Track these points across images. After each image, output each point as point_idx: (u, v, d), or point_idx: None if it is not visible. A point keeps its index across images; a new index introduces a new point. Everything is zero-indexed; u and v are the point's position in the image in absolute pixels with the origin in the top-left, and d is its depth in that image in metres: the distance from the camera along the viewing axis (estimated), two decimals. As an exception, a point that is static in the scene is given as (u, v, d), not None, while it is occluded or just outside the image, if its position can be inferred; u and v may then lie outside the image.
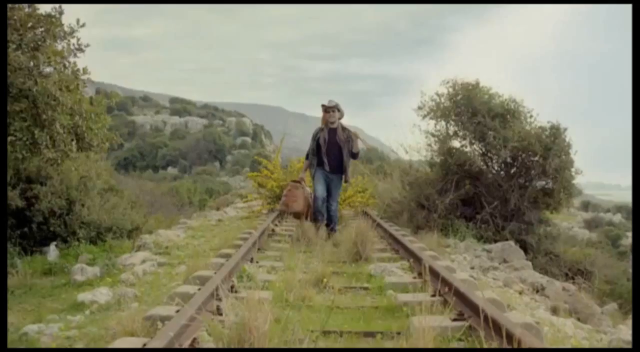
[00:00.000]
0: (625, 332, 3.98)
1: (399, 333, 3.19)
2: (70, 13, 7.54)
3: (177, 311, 3.17)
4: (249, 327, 2.21)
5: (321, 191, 7.37)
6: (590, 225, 44.02)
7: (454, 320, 3.27)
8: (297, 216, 7.97)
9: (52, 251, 7.97)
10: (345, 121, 7.73)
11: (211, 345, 2.63)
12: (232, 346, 2.20)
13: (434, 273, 4.00)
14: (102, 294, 4.64)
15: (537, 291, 6.06)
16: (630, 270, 12.85)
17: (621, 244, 35.72)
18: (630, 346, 3.86)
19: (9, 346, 3.32)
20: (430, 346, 2.34)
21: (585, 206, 58.67)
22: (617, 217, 47.60)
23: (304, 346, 2.73)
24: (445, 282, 3.74)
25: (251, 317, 2.24)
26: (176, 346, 2.59)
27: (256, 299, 2.40)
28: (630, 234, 36.25)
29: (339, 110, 7.44)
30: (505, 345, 2.29)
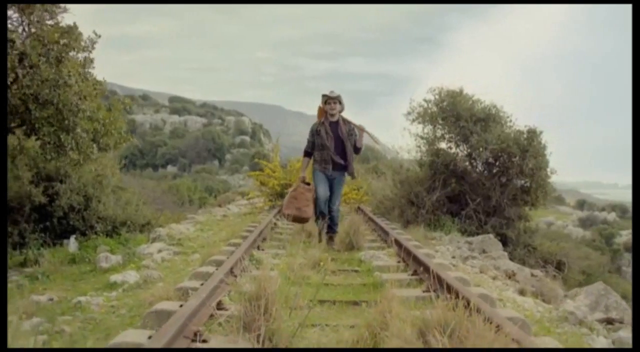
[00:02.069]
0: (569, 305, 4.77)
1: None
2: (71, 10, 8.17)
3: (202, 284, 3.94)
4: (263, 287, 2.99)
5: (323, 192, 6.88)
6: (584, 223, 44.83)
7: (424, 291, 4.07)
8: (301, 220, 7.11)
9: (72, 243, 8.72)
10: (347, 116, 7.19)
11: (234, 305, 3.40)
12: (251, 301, 2.97)
13: (398, 244, 4.84)
14: (130, 276, 5.42)
15: (510, 277, 6.84)
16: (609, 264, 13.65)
17: (615, 242, 36.53)
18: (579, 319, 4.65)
19: (64, 313, 4.08)
20: (399, 306, 3.08)
21: (581, 204, 59.56)
22: (612, 216, 48.36)
23: (304, 310, 3.50)
24: (407, 251, 4.55)
25: (265, 280, 3.02)
26: (205, 306, 3.37)
27: (268, 269, 3.18)
28: (624, 232, 37.01)
29: (340, 102, 6.92)
30: (446, 295, 3.06)
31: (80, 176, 9.72)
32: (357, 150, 7.01)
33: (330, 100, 6.85)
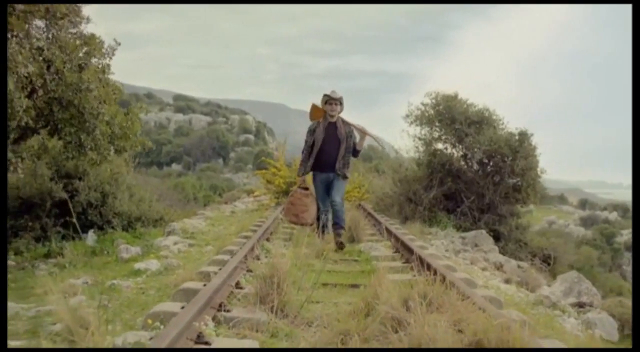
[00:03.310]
0: (545, 290, 5.35)
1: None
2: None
3: (220, 269, 4.53)
4: (276, 268, 3.57)
5: (322, 199, 6.85)
6: (586, 223, 45.30)
7: (413, 276, 4.65)
8: (301, 225, 7.03)
9: (91, 237, 9.32)
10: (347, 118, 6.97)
11: (249, 285, 3.99)
12: (265, 279, 3.55)
13: (388, 232, 5.41)
14: (152, 264, 6.02)
15: (498, 269, 7.42)
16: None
17: (615, 241, 36.97)
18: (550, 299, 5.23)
19: (101, 293, 4.67)
20: (388, 283, 3.65)
21: (583, 204, 60.01)
22: (613, 215, 48.80)
23: (310, 291, 4.07)
24: (396, 237, 5.13)
25: (277, 262, 3.60)
26: (225, 285, 3.95)
27: (279, 252, 3.77)
28: (625, 231, 37.47)
29: (341, 103, 6.72)
30: (425, 273, 3.64)
31: (98, 174, 10.32)
32: (356, 153, 6.79)
33: (332, 101, 6.63)
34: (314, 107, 6.85)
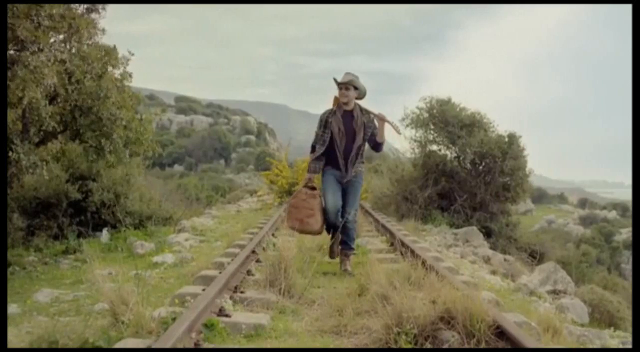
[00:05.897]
0: (524, 279, 5.93)
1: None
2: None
3: (232, 260, 5.11)
4: (283, 256, 4.16)
5: (332, 202, 5.49)
6: (585, 221, 45.88)
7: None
8: (309, 233, 5.80)
9: (104, 235, 9.90)
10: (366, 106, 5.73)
11: (258, 273, 4.58)
12: (275, 265, 4.14)
13: (384, 227, 5.96)
14: (168, 257, 6.62)
15: (486, 262, 8.00)
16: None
17: (614, 240, 37.49)
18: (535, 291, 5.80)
19: (127, 282, 5.25)
20: (379, 268, 4.23)
21: (583, 203, 60.55)
22: (613, 214, 49.34)
23: (311, 278, 4.65)
24: (384, 227, 5.70)
25: (284, 249, 4.19)
26: (238, 273, 4.54)
27: (286, 242, 4.36)
28: (624, 230, 38.00)
29: (355, 87, 5.50)
30: (409, 260, 4.22)
31: (110, 176, 10.90)
32: (377, 146, 5.61)
33: (341, 86, 5.50)
34: (336, 98, 5.67)
